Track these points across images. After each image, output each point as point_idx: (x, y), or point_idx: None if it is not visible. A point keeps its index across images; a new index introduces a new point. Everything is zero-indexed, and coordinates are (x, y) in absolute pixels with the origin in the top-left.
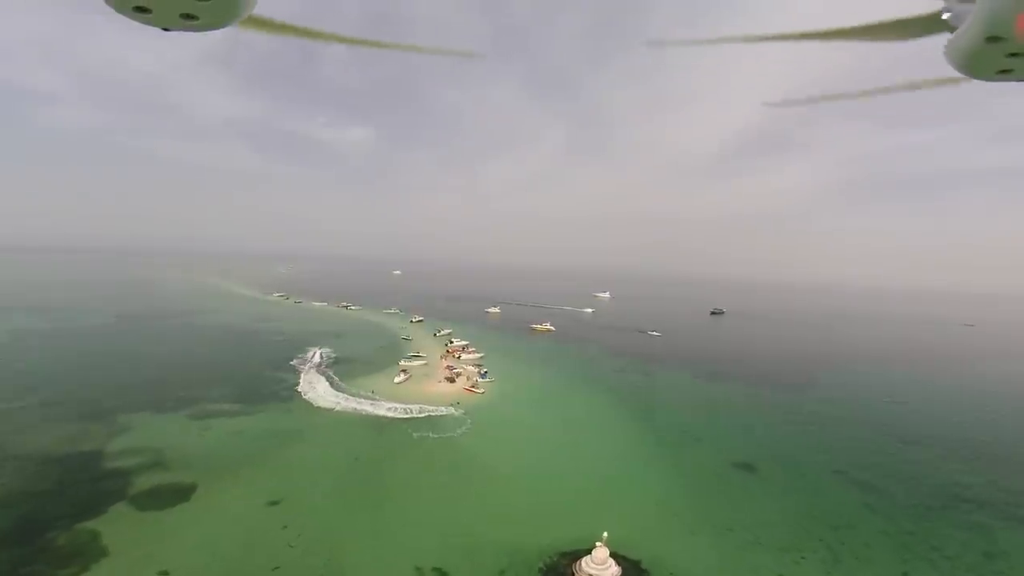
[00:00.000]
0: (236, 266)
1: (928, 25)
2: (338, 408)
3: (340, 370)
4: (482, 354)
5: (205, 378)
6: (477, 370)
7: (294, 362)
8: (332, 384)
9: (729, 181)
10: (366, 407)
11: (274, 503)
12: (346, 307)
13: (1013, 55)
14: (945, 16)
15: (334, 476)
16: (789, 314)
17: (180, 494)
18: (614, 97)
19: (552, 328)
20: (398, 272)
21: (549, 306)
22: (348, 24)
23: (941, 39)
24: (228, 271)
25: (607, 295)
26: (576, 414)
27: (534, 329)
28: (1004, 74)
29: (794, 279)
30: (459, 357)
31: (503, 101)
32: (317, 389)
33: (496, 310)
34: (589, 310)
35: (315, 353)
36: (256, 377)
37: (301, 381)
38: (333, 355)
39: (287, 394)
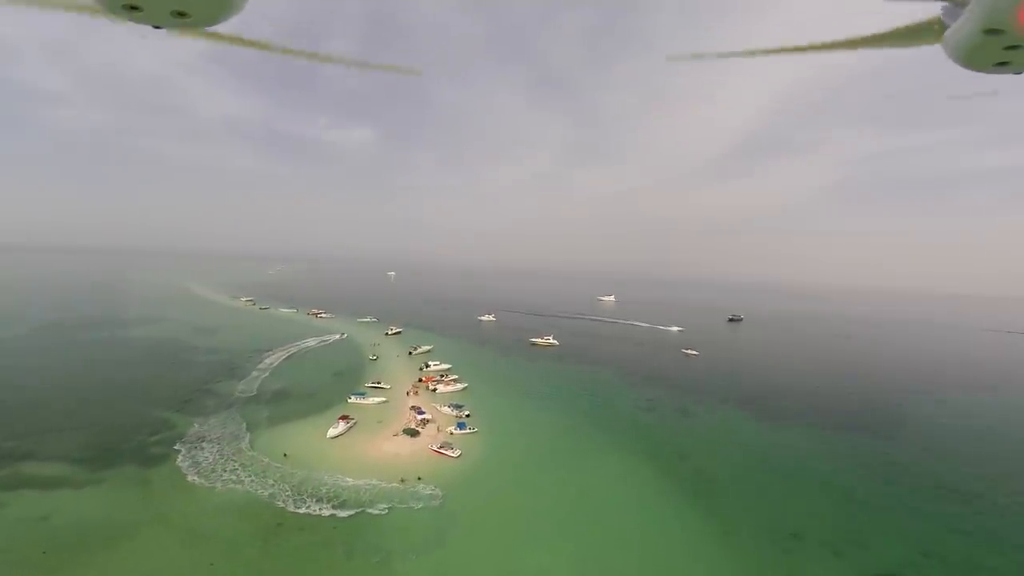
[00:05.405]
0: (224, 266)
1: (933, 32)
2: (221, 486)
3: (263, 410)
4: (465, 385)
5: (60, 420)
6: (455, 413)
7: (206, 395)
8: (237, 436)
9: (733, 183)
10: (269, 485)
11: None
12: (316, 315)
13: (1010, 48)
14: (943, 14)
15: None
16: (811, 321)
17: None
18: (616, 100)
19: (555, 342)
20: (392, 274)
21: (557, 315)
22: (349, 24)
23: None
24: (210, 272)
25: (611, 299)
26: (599, 497)
27: (534, 343)
28: (1001, 66)
29: (803, 281)
30: (434, 389)
31: (505, 102)
32: (204, 449)
33: (491, 318)
34: (675, 328)
35: (241, 381)
36: (135, 420)
37: (194, 429)
38: (265, 385)
39: (160, 452)
